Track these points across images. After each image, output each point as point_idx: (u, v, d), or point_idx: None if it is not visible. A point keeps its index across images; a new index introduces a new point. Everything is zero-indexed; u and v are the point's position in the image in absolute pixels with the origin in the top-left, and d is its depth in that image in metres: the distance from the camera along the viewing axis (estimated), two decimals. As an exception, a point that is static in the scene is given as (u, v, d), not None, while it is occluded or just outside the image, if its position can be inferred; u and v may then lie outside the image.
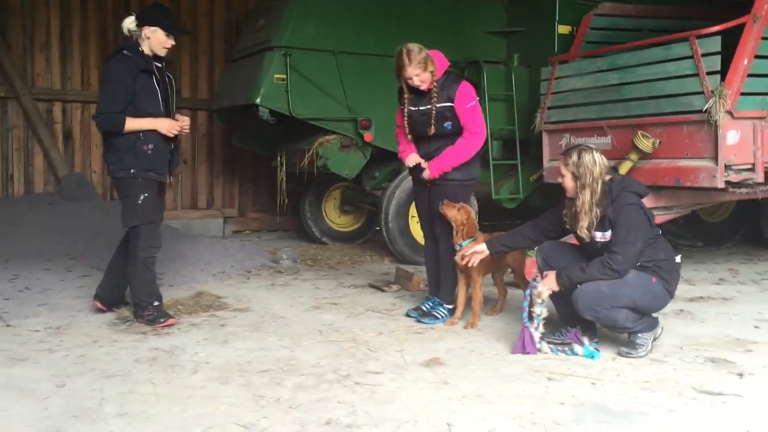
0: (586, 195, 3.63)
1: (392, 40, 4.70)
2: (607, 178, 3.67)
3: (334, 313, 4.66)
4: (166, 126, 4.20)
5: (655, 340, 3.80)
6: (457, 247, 4.30)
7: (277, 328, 4.25)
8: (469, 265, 4.18)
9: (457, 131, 4.32)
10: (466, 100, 4.27)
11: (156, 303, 4.29)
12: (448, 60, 4.42)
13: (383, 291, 5.37)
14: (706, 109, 5.12)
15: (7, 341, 3.85)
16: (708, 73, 5.13)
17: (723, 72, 5.12)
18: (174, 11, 8.55)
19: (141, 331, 4.10)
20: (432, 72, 4.26)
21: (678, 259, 3.79)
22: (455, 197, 4.35)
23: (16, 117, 7.91)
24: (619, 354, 3.71)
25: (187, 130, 4.35)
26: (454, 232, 4.30)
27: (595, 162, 3.64)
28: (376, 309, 4.79)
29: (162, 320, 4.21)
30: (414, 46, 4.23)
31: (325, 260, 6.83)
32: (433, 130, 4.33)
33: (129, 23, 4.25)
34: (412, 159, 4.48)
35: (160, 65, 4.29)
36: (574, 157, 3.67)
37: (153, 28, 4.20)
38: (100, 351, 3.70)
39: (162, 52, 4.27)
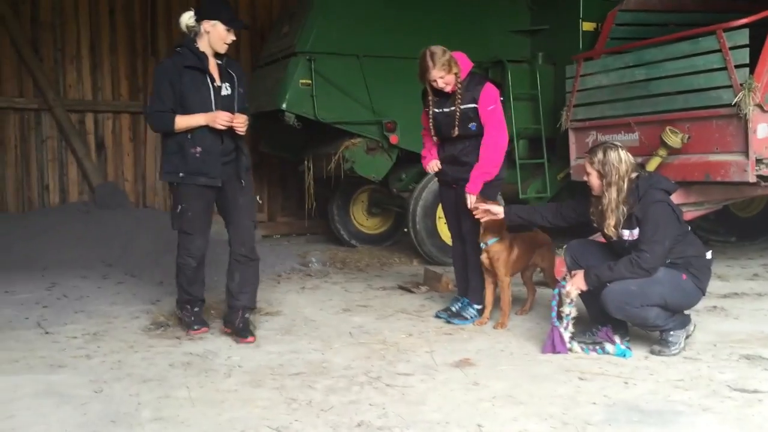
0: (613, 193, 3.61)
1: (416, 42, 4.71)
2: (634, 175, 3.64)
3: (364, 316, 4.69)
4: (212, 117, 3.88)
5: (688, 337, 3.77)
6: (483, 246, 4.30)
7: (308, 331, 4.29)
8: (482, 220, 4.16)
9: (482, 132, 4.31)
10: (488, 102, 4.27)
11: (196, 308, 4.28)
12: (471, 61, 4.43)
13: (412, 292, 5.39)
14: (735, 103, 5.05)
15: (47, 348, 3.94)
16: (736, 66, 5.06)
17: (752, 65, 5.05)
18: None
19: (175, 336, 4.17)
20: (456, 74, 4.27)
21: (709, 255, 3.75)
22: (482, 197, 4.34)
23: (50, 128, 8.08)
24: (652, 352, 3.68)
25: (242, 129, 3.96)
26: (481, 230, 4.29)
27: (621, 159, 3.62)
28: (406, 311, 4.81)
29: (196, 327, 4.21)
30: (437, 49, 4.24)
31: (354, 263, 6.86)
32: (457, 132, 4.33)
33: (187, 18, 4.01)
34: (432, 166, 4.52)
35: (220, 62, 4.03)
36: (600, 155, 3.65)
37: (213, 22, 3.94)
38: (136, 356, 3.77)
39: (222, 48, 3.97)
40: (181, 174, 3.96)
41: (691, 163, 5.45)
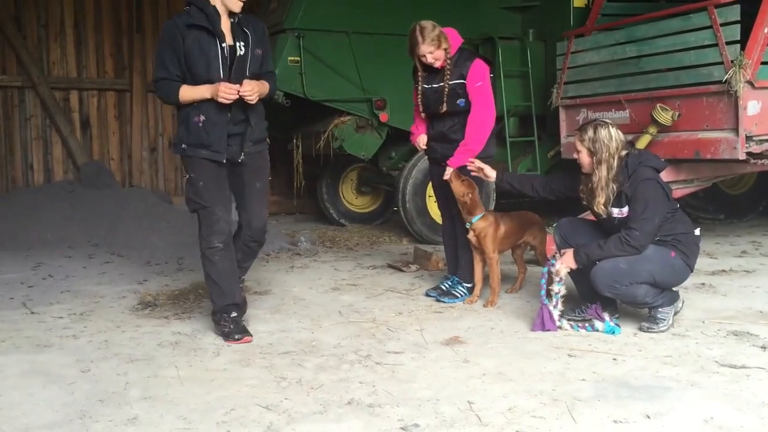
0: (603, 171, 3.60)
1: (405, 19, 4.65)
2: (624, 153, 3.63)
3: (354, 294, 4.68)
4: (214, 90, 3.44)
5: (676, 314, 3.78)
6: (468, 225, 4.29)
7: (297, 310, 4.28)
8: (471, 169, 4.16)
9: (469, 109, 4.28)
10: (476, 79, 4.23)
11: (234, 313, 3.67)
12: (462, 37, 4.38)
13: (402, 271, 5.37)
14: (725, 80, 5.03)
15: (32, 328, 3.91)
16: (727, 43, 5.04)
17: (743, 41, 5.03)
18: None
19: (163, 316, 4.14)
20: (446, 49, 4.22)
21: (697, 232, 3.76)
22: (471, 175, 4.32)
23: (34, 106, 7.98)
24: (640, 329, 3.69)
25: (252, 98, 3.50)
26: (460, 207, 4.28)
27: (611, 137, 3.60)
28: (396, 289, 4.80)
29: (237, 337, 3.59)
30: (427, 24, 4.20)
31: (343, 242, 6.84)
32: (445, 108, 4.30)
33: None
34: (422, 140, 4.48)
35: (233, 21, 3.56)
36: (590, 133, 3.63)
37: None
38: (123, 336, 3.75)
39: (236, 7, 3.53)
40: (183, 146, 3.60)
41: (681, 140, 5.44)
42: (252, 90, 3.50)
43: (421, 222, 6.70)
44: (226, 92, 3.44)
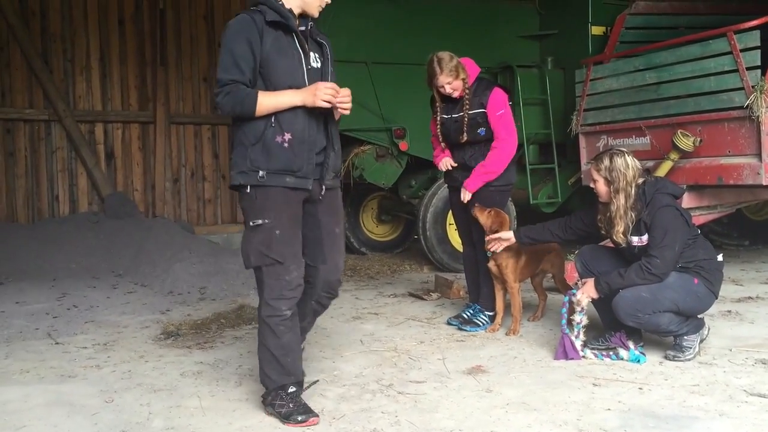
0: (621, 199, 3.58)
1: (424, 49, 4.70)
2: (640, 181, 3.61)
3: (375, 323, 4.66)
4: (312, 91, 2.80)
5: (702, 341, 3.72)
6: (489, 254, 4.28)
7: (319, 339, 4.27)
8: (494, 250, 4.17)
9: (491, 137, 4.30)
10: (498, 107, 4.26)
11: (292, 388, 2.96)
12: (480, 66, 4.42)
13: (423, 299, 5.36)
14: (747, 105, 5.01)
15: (57, 358, 3.94)
16: (748, 69, 5.02)
17: (763, 66, 5.01)
18: (208, 28, 8.72)
19: (186, 346, 4.15)
20: (464, 79, 4.26)
21: (720, 257, 3.71)
22: (492, 203, 4.33)
23: (60, 139, 8.12)
24: (666, 358, 3.64)
25: (347, 109, 2.90)
26: (486, 238, 4.28)
27: (628, 165, 3.59)
28: (417, 318, 4.78)
29: (300, 418, 2.86)
30: (445, 54, 4.23)
31: (364, 270, 6.84)
32: (466, 137, 4.32)
33: None
34: (445, 163, 4.48)
35: (304, 28, 2.97)
36: (606, 162, 3.63)
37: None
38: (146, 366, 3.76)
39: (316, 11, 3.00)
40: (261, 174, 2.81)
41: (704, 166, 5.41)
42: (349, 100, 2.87)
43: (441, 250, 6.69)
44: (327, 92, 2.79)
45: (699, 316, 3.73)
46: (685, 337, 3.62)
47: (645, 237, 3.60)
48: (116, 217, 7.74)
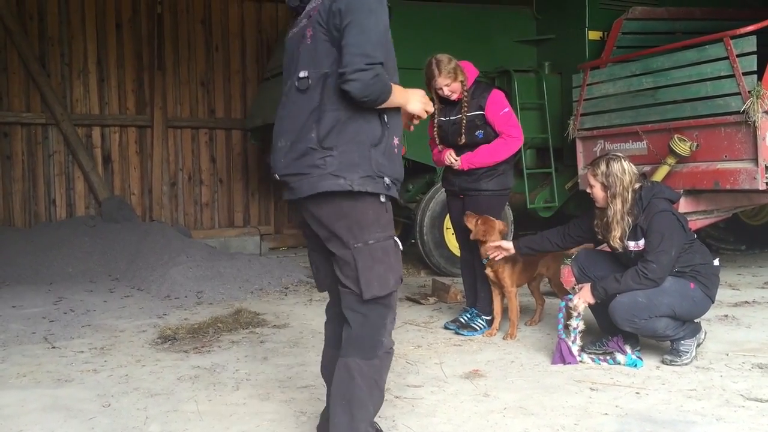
0: (617, 204, 3.59)
1: (422, 53, 4.71)
2: (637, 186, 3.62)
3: (372, 327, 4.65)
4: (420, 97, 2.54)
5: (698, 345, 3.73)
6: (484, 261, 4.28)
7: (316, 344, 4.26)
8: (494, 258, 4.17)
9: (488, 140, 4.31)
10: (499, 108, 4.27)
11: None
12: (477, 70, 4.43)
13: (420, 304, 5.36)
14: (743, 110, 5.03)
15: (53, 363, 3.93)
16: (744, 74, 5.04)
17: (760, 72, 5.03)
18: (206, 32, 8.74)
19: (183, 350, 4.15)
20: (462, 82, 4.27)
21: (716, 262, 3.72)
22: (489, 208, 4.33)
23: (57, 143, 8.13)
24: (663, 362, 3.64)
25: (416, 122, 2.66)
26: (480, 245, 4.28)
27: (624, 170, 3.59)
28: (414, 322, 4.78)
29: None
30: (443, 57, 4.25)
31: (361, 274, 6.83)
32: (464, 140, 4.33)
33: None
34: (449, 157, 4.41)
35: None
36: (603, 167, 3.63)
37: None
38: (143, 370, 3.76)
39: None
40: (387, 181, 2.37)
41: (700, 171, 5.42)
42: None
43: (438, 254, 6.70)
44: (429, 103, 2.53)
45: (696, 321, 3.74)
46: (682, 342, 3.63)
47: (641, 242, 3.60)
48: (113, 221, 7.74)
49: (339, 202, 2.31)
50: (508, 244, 4.14)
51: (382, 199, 2.36)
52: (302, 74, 2.40)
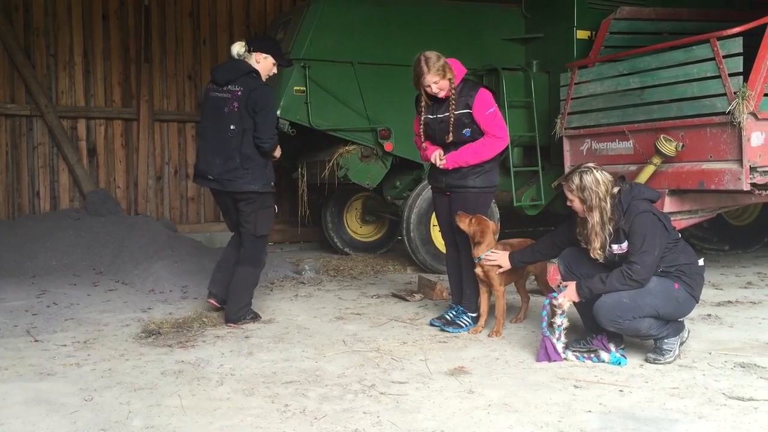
0: (595, 217, 3.60)
1: (410, 50, 4.71)
2: (615, 190, 3.63)
3: (358, 324, 4.66)
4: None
5: (682, 344, 3.76)
6: (476, 260, 4.29)
7: (301, 339, 4.26)
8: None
9: (475, 138, 4.31)
10: (485, 107, 4.28)
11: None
12: (465, 68, 4.43)
13: (406, 300, 5.36)
14: (729, 111, 5.07)
15: (36, 356, 3.89)
16: (730, 75, 5.08)
17: (746, 73, 5.07)
18: (194, 26, 8.68)
19: (167, 344, 4.12)
20: (450, 79, 4.27)
21: (701, 262, 3.74)
22: (475, 205, 4.34)
23: (42, 135, 8.04)
24: (647, 360, 3.67)
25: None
26: (472, 244, 4.29)
27: (598, 181, 3.60)
28: (400, 318, 4.78)
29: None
30: (432, 54, 4.24)
31: (347, 270, 6.84)
32: (451, 137, 4.33)
33: (239, 48, 4.58)
34: (435, 156, 4.40)
35: None
36: (576, 181, 3.63)
37: (265, 55, 4.58)
38: (126, 364, 3.73)
39: (265, 78, 4.61)
40: (272, 184, 4.70)
41: (686, 171, 5.46)
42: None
43: (425, 251, 6.70)
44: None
45: (679, 320, 3.76)
46: (666, 341, 3.65)
47: (625, 244, 3.61)
48: (98, 215, 7.66)
49: (252, 195, 4.53)
50: (505, 261, 4.18)
51: (270, 191, 4.61)
52: (232, 127, 4.45)
